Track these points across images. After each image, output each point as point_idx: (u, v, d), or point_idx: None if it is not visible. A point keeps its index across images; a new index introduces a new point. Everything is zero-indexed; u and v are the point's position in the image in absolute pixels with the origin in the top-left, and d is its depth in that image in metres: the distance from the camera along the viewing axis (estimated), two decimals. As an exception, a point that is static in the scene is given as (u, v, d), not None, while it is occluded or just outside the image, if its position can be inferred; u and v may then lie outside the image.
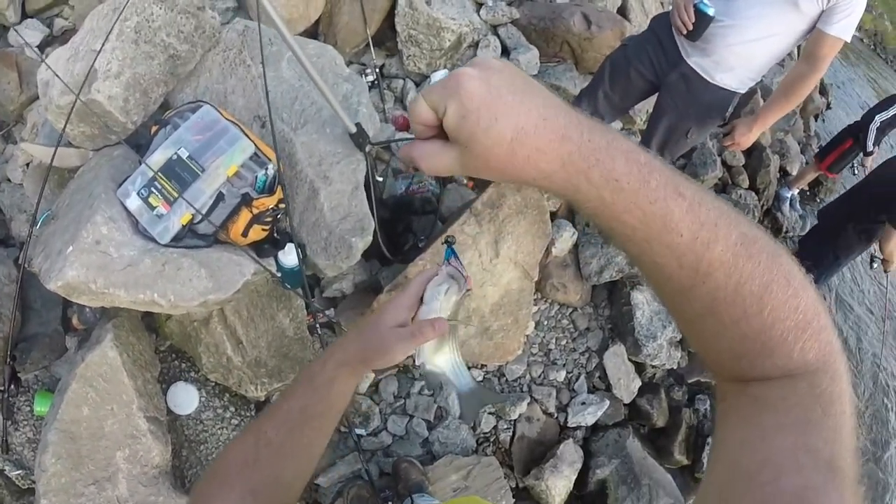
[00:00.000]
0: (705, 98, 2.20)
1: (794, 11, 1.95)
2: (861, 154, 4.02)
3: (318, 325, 2.12)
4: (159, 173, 1.91)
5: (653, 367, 3.00)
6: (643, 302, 2.90)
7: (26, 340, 2.14)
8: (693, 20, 2.01)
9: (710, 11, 2.00)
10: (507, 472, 2.60)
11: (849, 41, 2.02)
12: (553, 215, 2.69)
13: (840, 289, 4.62)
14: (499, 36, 2.81)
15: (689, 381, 3.20)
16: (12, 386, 2.03)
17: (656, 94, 2.37)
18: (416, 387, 2.63)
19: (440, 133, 0.47)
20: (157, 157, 1.94)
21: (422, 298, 0.72)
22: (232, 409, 2.29)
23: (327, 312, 2.31)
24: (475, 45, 2.76)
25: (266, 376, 2.20)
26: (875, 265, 3.42)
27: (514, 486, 2.60)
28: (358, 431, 2.50)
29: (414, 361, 0.74)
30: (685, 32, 2.06)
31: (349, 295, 2.41)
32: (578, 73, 2.96)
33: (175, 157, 1.93)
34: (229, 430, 2.26)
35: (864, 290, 4.77)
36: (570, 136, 0.43)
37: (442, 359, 0.74)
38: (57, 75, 1.91)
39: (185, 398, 2.20)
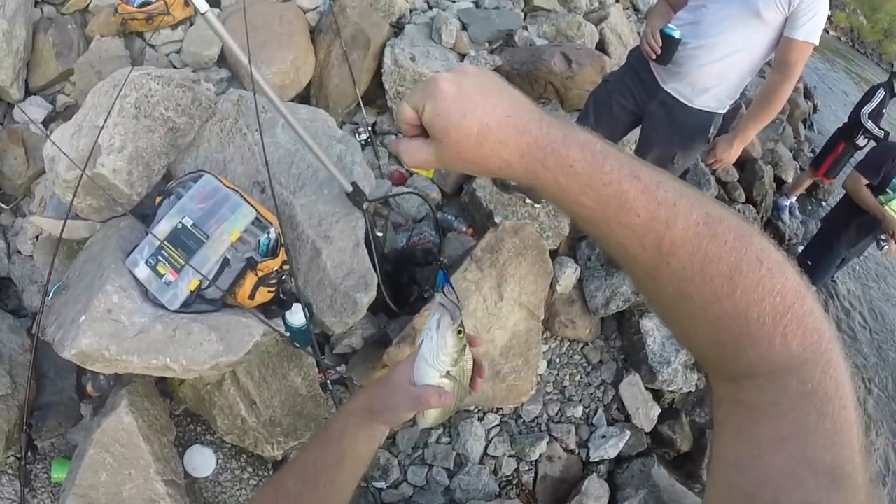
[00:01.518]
0: (686, 122, 2.26)
1: (757, 23, 2.00)
2: (854, 153, 4.10)
3: (329, 382, 2.15)
4: (166, 242, 1.99)
5: (670, 392, 2.98)
6: (653, 328, 2.92)
7: (42, 408, 2.16)
8: (660, 44, 2.09)
9: (676, 34, 2.08)
10: None
11: (817, 44, 2.04)
12: (554, 253, 2.74)
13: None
14: (484, 84, 2.91)
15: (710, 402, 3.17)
16: (29, 453, 2.06)
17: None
18: (433, 436, 2.62)
19: (423, 132, 0.52)
20: (163, 227, 2.02)
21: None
22: (249, 469, 2.30)
23: (338, 369, 2.34)
24: (463, 94, 2.86)
25: (282, 435, 2.22)
26: (884, 246, 3.42)
27: None
28: (378, 485, 2.49)
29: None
30: (654, 57, 2.13)
31: (359, 350, 2.44)
32: (565, 110, 3.06)
33: (180, 225, 2.01)
34: (248, 490, 2.26)
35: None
36: (529, 129, 0.48)
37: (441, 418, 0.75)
38: (63, 151, 2.01)
39: (202, 461, 2.21)
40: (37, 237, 2.39)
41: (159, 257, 1.98)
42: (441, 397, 0.69)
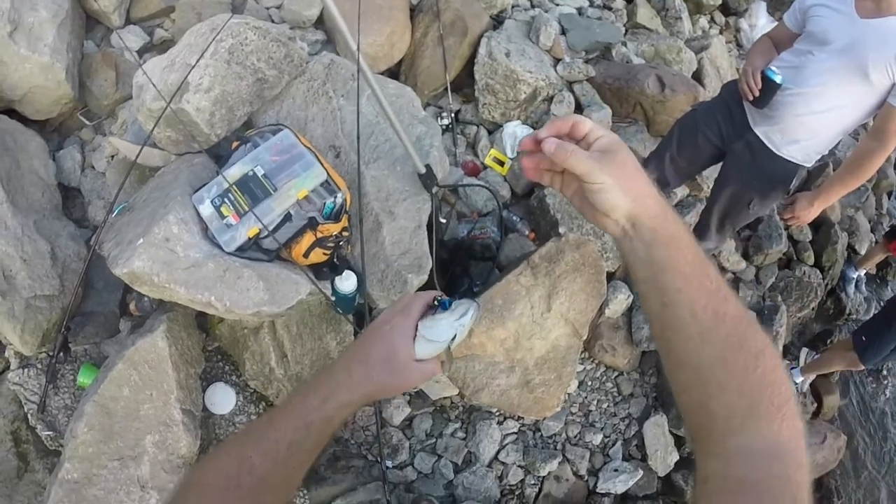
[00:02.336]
0: (770, 169, 2.13)
1: (863, 83, 1.86)
2: None
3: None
4: (234, 186, 1.99)
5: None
6: (691, 376, 2.77)
7: (83, 315, 2.21)
8: (760, 86, 1.96)
9: (778, 79, 1.94)
10: None
11: None
12: (610, 276, 2.63)
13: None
14: (573, 92, 2.83)
15: None
16: (61, 353, 2.09)
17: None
18: (449, 428, 2.58)
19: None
20: (234, 171, 2.02)
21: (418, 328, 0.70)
22: None
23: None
24: (549, 99, 2.78)
25: None
26: None
27: None
28: (388, 463, 2.46)
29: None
30: (751, 99, 2.01)
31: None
32: (649, 135, 2.93)
33: (251, 173, 2.01)
34: None
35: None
36: (666, 207, 0.61)
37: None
38: (152, 82, 2.03)
39: (223, 399, 2.22)
40: (112, 157, 2.43)
41: (225, 199, 1.99)
42: (441, 366, 0.72)
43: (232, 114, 2.20)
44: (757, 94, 1.97)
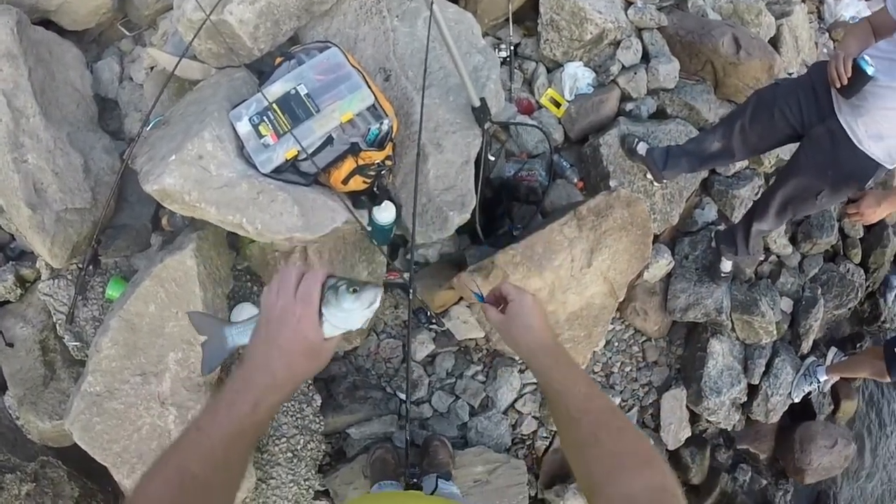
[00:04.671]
0: (848, 161, 1.85)
1: None
2: None
3: (406, 282, 1.93)
4: (275, 104, 1.79)
5: (708, 421, 2.71)
6: (720, 353, 2.59)
7: (114, 228, 2.11)
8: (850, 75, 1.69)
9: (870, 70, 1.66)
10: (531, 479, 2.45)
11: None
12: (654, 239, 2.40)
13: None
14: (642, 40, 2.50)
15: (739, 447, 2.89)
16: (90, 266, 2.02)
17: (795, 145, 2.03)
18: (471, 370, 2.46)
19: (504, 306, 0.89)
20: (276, 89, 1.82)
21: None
22: None
23: (405, 275, 2.15)
24: (616, 43, 2.46)
25: None
26: None
27: (532, 494, 2.44)
28: (401, 396, 2.37)
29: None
30: (839, 86, 1.73)
31: (432, 263, 2.24)
32: (716, 96, 2.61)
33: (293, 91, 1.81)
34: None
35: None
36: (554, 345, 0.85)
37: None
38: None
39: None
40: (151, 68, 2.26)
41: (264, 117, 1.79)
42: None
43: (277, 28, 1.98)
44: (845, 81, 1.69)
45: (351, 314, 0.69)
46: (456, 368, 2.45)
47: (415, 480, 1.66)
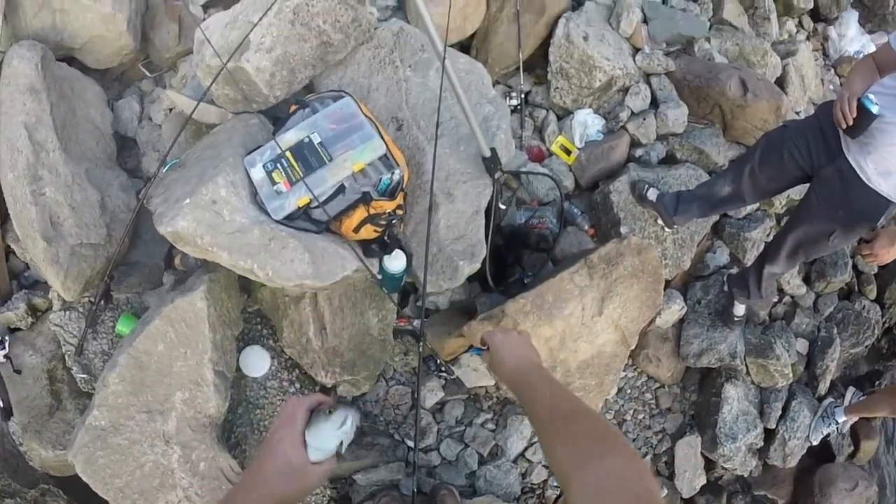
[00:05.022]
0: (858, 200, 1.82)
1: None
2: None
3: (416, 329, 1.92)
4: (288, 152, 1.80)
5: (724, 468, 2.61)
6: (735, 398, 2.51)
7: (128, 265, 2.11)
8: (855, 115, 1.66)
9: (875, 109, 1.64)
10: None
11: None
12: (666, 284, 2.35)
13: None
14: (650, 85, 2.50)
15: (756, 493, 2.77)
16: (102, 301, 2.02)
17: (805, 186, 2.00)
18: (480, 418, 2.41)
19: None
20: (290, 136, 1.83)
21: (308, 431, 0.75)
22: (298, 385, 2.17)
23: (415, 322, 2.12)
24: (625, 90, 2.47)
25: (339, 366, 2.08)
26: None
27: None
28: (409, 443, 2.32)
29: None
30: (844, 127, 1.71)
31: (443, 310, 2.22)
32: (725, 139, 2.60)
33: (307, 140, 1.82)
34: None
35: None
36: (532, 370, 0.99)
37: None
38: (208, 41, 1.84)
39: (257, 362, 2.11)
40: (170, 110, 2.29)
41: (278, 165, 1.80)
42: (337, 458, 0.77)
43: (293, 76, 1.99)
44: (850, 122, 1.68)
45: (326, 435, 0.73)
46: (465, 416, 2.40)
47: None
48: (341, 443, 0.74)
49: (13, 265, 2.19)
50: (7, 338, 2.07)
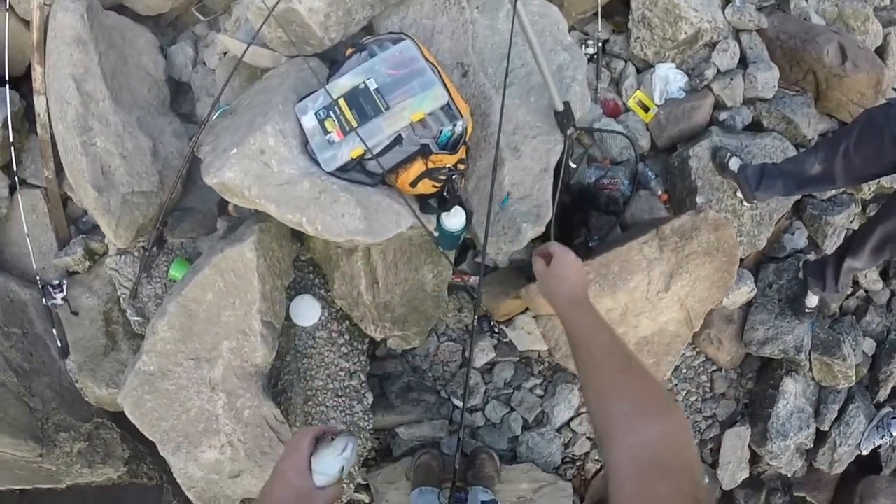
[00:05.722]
0: None
1: None
2: None
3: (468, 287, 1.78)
4: (342, 99, 1.64)
5: (769, 464, 2.43)
6: (792, 393, 2.31)
7: (181, 210, 2.09)
8: None
9: None
10: (575, 500, 2.29)
11: None
12: (739, 263, 2.12)
13: None
14: (740, 42, 2.19)
15: (796, 494, 2.59)
16: (155, 247, 2.02)
17: None
18: (529, 382, 2.30)
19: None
20: (345, 82, 1.66)
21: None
22: (347, 336, 2.10)
23: (472, 280, 1.99)
24: (712, 45, 2.16)
25: (390, 321, 2.01)
26: None
27: None
28: (455, 402, 2.26)
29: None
30: None
31: (501, 269, 2.07)
32: (816, 110, 2.29)
33: (363, 86, 1.64)
34: (337, 355, 2.09)
35: None
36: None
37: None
38: None
39: (308, 312, 2.05)
40: (224, 54, 2.17)
41: (330, 113, 1.64)
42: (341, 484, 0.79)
43: (349, 17, 1.81)
44: None
45: (329, 461, 0.76)
46: (514, 379, 2.30)
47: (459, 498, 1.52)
48: (342, 468, 0.76)
49: (71, 211, 2.18)
50: (65, 281, 2.09)
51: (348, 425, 2.10)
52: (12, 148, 1.98)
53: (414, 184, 1.63)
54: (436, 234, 1.69)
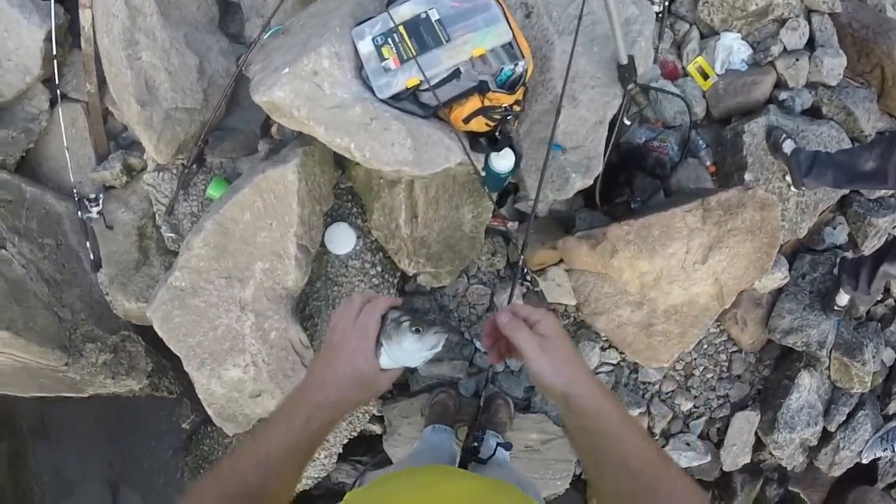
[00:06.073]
0: None
1: None
2: None
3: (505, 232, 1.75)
4: (402, 26, 1.59)
5: (771, 454, 2.41)
6: (807, 387, 2.27)
7: (223, 130, 2.05)
8: None
9: None
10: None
11: None
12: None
13: None
14: (811, 23, 2.10)
15: (791, 489, 2.58)
16: (195, 165, 1.98)
17: None
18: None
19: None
20: (406, 10, 1.61)
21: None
22: (379, 268, 2.08)
23: (511, 224, 1.97)
24: (782, 21, 2.07)
25: (424, 257, 1.99)
26: None
27: (577, 474, 2.30)
28: (478, 345, 2.24)
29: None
30: None
31: (539, 219, 2.04)
32: (877, 106, 2.20)
33: (424, 15, 1.59)
34: (367, 286, 2.08)
35: None
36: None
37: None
38: None
39: (343, 240, 2.02)
40: (278, -26, 2.09)
41: (389, 39, 1.59)
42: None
43: (412, -57, 1.74)
44: None
45: (410, 354, 0.69)
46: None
47: (475, 444, 1.52)
48: (423, 361, 0.71)
49: (111, 126, 2.15)
50: (102, 195, 2.08)
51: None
52: (55, 61, 1.95)
53: (467, 120, 1.60)
54: (483, 173, 1.66)
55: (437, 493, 0.74)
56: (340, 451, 2.21)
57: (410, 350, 0.68)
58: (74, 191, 2.04)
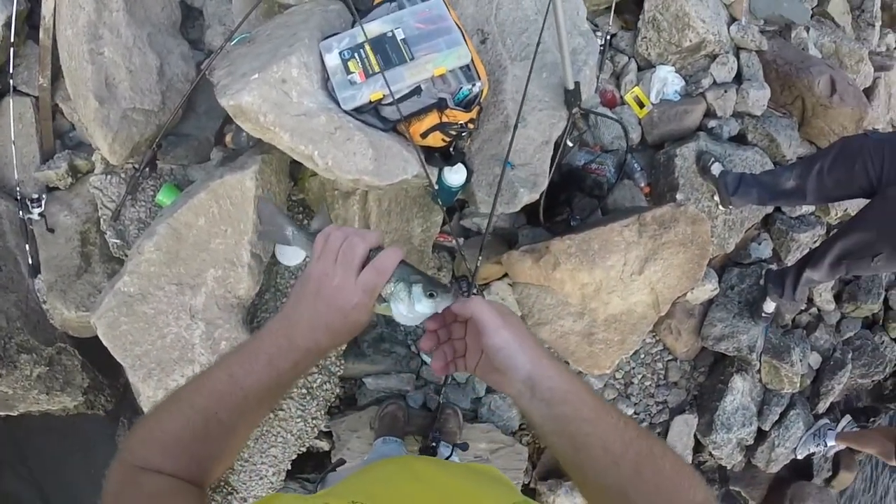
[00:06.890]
0: None
1: None
2: None
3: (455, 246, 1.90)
4: (368, 43, 1.74)
5: (710, 454, 2.67)
6: (740, 390, 2.55)
7: (177, 136, 2.07)
8: None
9: None
10: (528, 467, 2.45)
11: None
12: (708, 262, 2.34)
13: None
14: (739, 59, 2.41)
15: (731, 488, 2.86)
16: (146, 168, 1.99)
17: (865, 201, 1.96)
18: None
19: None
20: (373, 27, 1.77)
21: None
22: None
23: (458, 241, 2.12)
24: (713, 57, 2.38)
25: None
26: None
27: (526, 482, 2.44)
28: (424, 357, 2.35)
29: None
30: None
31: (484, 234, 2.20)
32: (798, 133, 2.53)
33: (391, 34, 1.76)
34: None
35: None
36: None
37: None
38: None
39: (294, 252, 2.09)
40: (246, -16, 2.19)
41: (356, 54, 1.74)
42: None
43: (378, -35, 1.91)
44: None
45: (417, 314, 0.67)
46: (482, 344, 2.43)
47: (433, 445, 1.64)
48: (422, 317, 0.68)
49: (59, 124, 2.14)
50: (45, 196, 2.03)
51: (319, 368, 2.15)
52: (11, 49, 1.91)
53: (425, 134, 1.77)
54: (436, 187, 1.83)
55: (426, 487, 0.73)
56: (289, 467, 2.22)
57: (422, 313, 0.67)
58: (17, 189, 1.98)
